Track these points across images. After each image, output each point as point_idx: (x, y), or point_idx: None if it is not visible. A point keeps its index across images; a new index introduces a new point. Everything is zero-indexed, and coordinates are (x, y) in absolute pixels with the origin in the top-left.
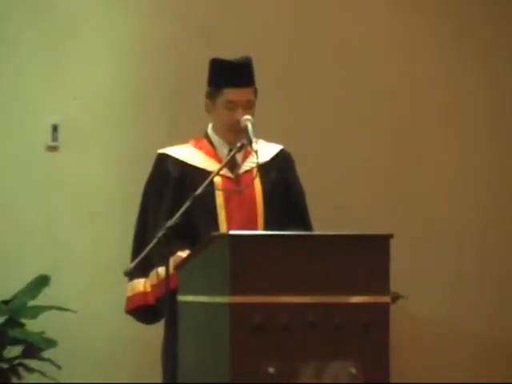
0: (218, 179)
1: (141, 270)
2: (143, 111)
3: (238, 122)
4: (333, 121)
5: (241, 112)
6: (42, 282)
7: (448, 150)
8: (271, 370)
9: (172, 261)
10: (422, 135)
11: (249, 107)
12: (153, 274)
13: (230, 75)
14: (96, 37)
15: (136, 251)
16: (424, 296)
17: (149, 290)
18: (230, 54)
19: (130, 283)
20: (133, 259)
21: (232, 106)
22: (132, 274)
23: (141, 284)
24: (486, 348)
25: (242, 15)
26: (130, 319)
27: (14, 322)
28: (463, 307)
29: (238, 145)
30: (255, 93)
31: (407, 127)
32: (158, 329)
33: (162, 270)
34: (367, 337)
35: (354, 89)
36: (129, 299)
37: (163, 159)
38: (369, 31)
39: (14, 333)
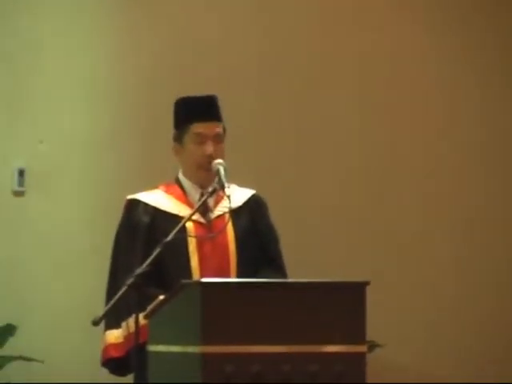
0: (190, 225)
1: (113, 319)
2: (112, 154)
3: (209, 156)
4: (305, 163)
5: (210, 145)
6: (7, 331)
7: (428, 195)
8: None
9: (153, 306)
10: (401, 177)
11: (218, 141)
12: (124, 324)
13: (195, 110)
14: (63, 77)
15: (109, 299)
16: (402, 345)
17: (120, 341)
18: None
19: (104, 335)
20: (105, 307)
21: (200, 139)
22: (105, 324)
23: (112, 335)
24: None
25: (215, 57)
26: (98, 369)
27: None
28: (442, 355)
29: (210, 189)
30: (224, 130)
31: (383, 167)
32: (129, 378)
33: (133, 320)
34: None
35: (325, 126)
36: (102, 352)
37: (133, 205)
38: (338, 69)
39: None
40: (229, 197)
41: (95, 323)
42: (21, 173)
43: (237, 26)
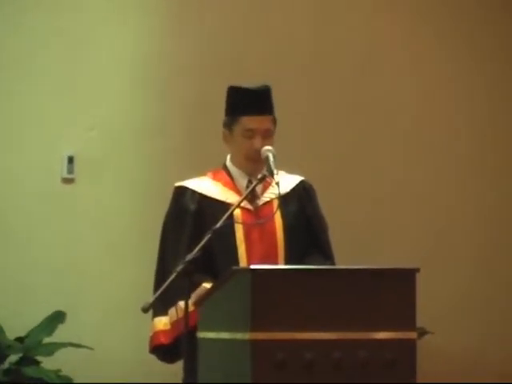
0: (237, 211)
1: (162, 306)
2: (160, 143)
3: (257, 151)
4: (353, 148)
5: (259, 140)
6: (57, 318)
7: (479, 179)
8: None
9: (197, 292)
10: (457, 162)
11: (267, 136)
12: (172, 310)
13: (247, 103)
14: (113, 66)
15: (157, 286)
16: (452, 332)
17: (168, 327)
18: (251, 82)
19: (152, 322)
20: (154, 294)
21: (250, 134)
22: (153, 311)
23: (161, 322)
24: None
25: (264, 44)
26: (148, 356)
27: (29, 359)
28: (494, 343)
29: (259, 176)
30: (274, 122)
31: (437, 155)
32: (178, 366)
33: (181, 306)
34: (394, 374)
35: (376, 113)
36: (150, 339)
37: (181, 192)
38: (388, 52)
39: (29, 371)
40: (278, 183)
41: (145, 310)
42: (70, 160)
43: (290, 11)
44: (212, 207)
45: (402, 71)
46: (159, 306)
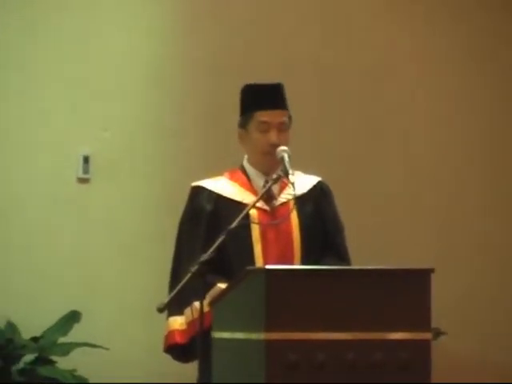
0: (253, 212)
1: (177, 306)
2: (176, 141)
3: (273, 145)
4: (364, 150)
5: (275, 133)
6: (73, 317)
7: (490, 179)
8: None
9: (211, 293)
10: (465, 163)
11: (282, 129)
12: (187, 311)
13: (261, 98)
14: (128, 67)
15: (172, 286)
16: (467, 332)
17: (184, 327)
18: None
19: (167, 321)
20: (169, 294)
21: (265, 127)
22: (168, 311)
23: (176, 322)
24: None
25: (279, 44)
26: (163, 356)
27: (44, 359)
28: (499, 344)
29: (274, 176)
30: (289, 117)
31: (449, 155)
32: (192, 366)
33: (196, 306)
34: (408, 376)
35: (389, 110)
36: (165, 338)
37: (197, 192)
38: (396, 50)
39: (44, 371)
40: (293, 184)
41: (160, 310)
42: (86, 160)
43: (303, 13)
44: (228, 207)
45: (410, 74)
46: (174, 306)
